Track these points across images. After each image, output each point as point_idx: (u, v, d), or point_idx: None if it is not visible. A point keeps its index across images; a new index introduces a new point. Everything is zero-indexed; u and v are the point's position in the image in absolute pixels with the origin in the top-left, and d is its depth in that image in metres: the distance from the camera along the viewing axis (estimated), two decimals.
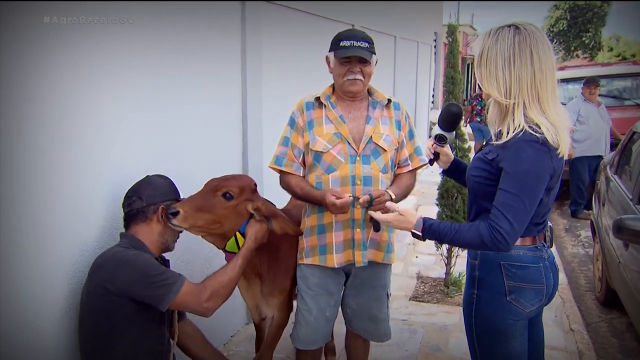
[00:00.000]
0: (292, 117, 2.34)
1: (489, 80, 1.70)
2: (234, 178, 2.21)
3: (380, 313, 2.44)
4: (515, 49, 1.65)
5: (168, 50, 2.57)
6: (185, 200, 2.09)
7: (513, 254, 1.76)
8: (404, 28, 8.47)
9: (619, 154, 4.55)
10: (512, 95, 1.67)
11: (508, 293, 1.76)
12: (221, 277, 2.01)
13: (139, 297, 1.87)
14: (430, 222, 1.79)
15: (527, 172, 1.62)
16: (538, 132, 1.63)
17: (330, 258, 2.27)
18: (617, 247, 3.46)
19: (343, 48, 2.17)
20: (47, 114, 1.91)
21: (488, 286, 1.80)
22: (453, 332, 3.49)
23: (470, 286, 1.87)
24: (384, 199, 2.10)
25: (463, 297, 1.94)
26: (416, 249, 5.16)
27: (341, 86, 2.24)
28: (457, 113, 2.04)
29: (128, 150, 2.32)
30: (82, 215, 2.08)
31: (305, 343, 2.39)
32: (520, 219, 1.64)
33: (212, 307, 1.96)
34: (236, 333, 3.39)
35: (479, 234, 1.67)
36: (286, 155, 2.32)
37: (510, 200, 1.63)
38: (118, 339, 1.89)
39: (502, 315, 1.78)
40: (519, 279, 1.76)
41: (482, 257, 1.82)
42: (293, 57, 4.08)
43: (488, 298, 1.80)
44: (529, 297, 1.78)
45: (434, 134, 2.06)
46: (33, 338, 1.92)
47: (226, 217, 2.12)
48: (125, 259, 1.89)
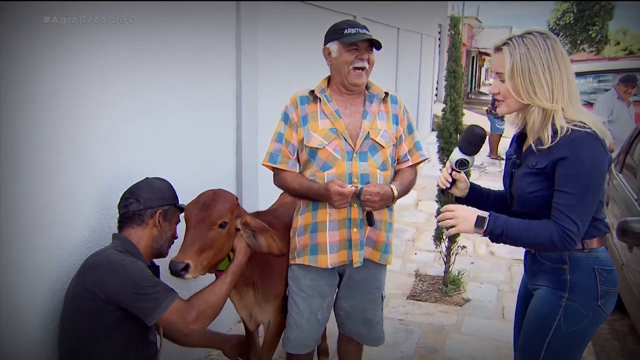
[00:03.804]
0: (285, 112, 2.24)
1: (530, 89, 1.67)
2: (218, 202, 2.01)
3: (374, 316, 2.36)
4: (551, 53, 1.66)
5: (161, 49, 2.52)
6: (186, 248, 1.91)
7: (602, 258, 1.76)
8: (407, 20, 8.36)
9: (623, 152, 4.46)
10: (556, 98, 1.67)
11: (600, 298, 1.75)
12: (209, 297, 1.91)
13: (126, 306, 1.79)
14: (497, 215, 1.75)
15: (590, 172, 1.62)
16: (586, 127, 1.63)
17: (324, 258, 2.19)
18: (620, 248, 3.38)
19: (350, 35, 2.09)
20: (47, 114, 1.90)
21: (582, 291, 1.76)
22: (450, 334, 3.42)
23: (557, 289, 1.79)
24: (373, 199, 2.06)
25: (540, 297, 1.83)
26: (415, 246, 5.08)
27: (346, 76, 2.13)
28: (481, 135, 1.88)
29: (120, 148, 2.28)
30: (71, 213, 2.03)
31: (296, 347, 2.31)
32: (585, 219, 1.66)
33: (197, 328, 1.85)
34: (229, 330, 3.32)
35: (550, 235, 1.66)
36: (280, 152, 2.22)
37: (574, 202, 1.63)
38: (102, 344, 1.83)
39: (593, 320, 1.77)
40: (609, 282, 1.76)
41: (574, 262, 1.76)
42: (292, 50, 3.99)
43: (582, 302, 1.75)
44: (612, 301, 1.78)
45: (454, 160, 1.88)
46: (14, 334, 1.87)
47: (225, 243, 2.01)
48: (120, 265, 1.81)
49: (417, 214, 6.13)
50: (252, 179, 3.39)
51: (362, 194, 2.07)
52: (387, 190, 2.11)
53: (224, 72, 3.12)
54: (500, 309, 3.80)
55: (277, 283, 2.34)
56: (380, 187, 2.11)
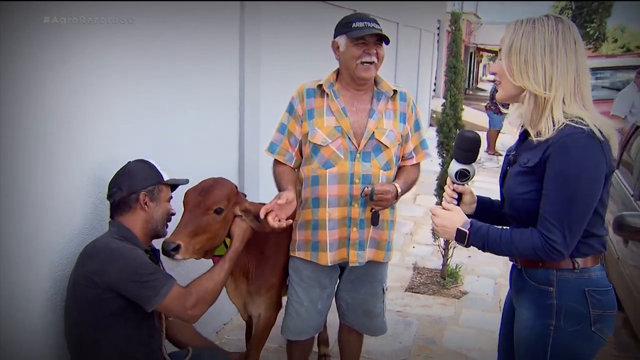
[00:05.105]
0: (291, 102, 2.24)
1: (523, 70, 1.51)
2: (216, 188, 2.05)
3: (375, 308, 2.40)
4: (559, 37, 1.49)
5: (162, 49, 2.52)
6: (179, 230, 1.96)
7: (594, 278, 1.57)
8: (406, 15, 8.38)
9: (621, 148, 4.50)
10: (554, 87, 1.49)
11: (593, 323, 1.55)
12: (207, 283, 1.94)
13: (126, 294, 1.82)
14: (479, 225, 1.60)
15: (578, 176, 1.44)
16: (582, 124, 1.45)
17: (324, 256, 2.21)
18: (616, 242, 3.43)
19: (358, 29, 2.07)
20: (48, 113, 1.90)
21: (572, 317, 1.56)
22: (448, 325, 3.47)
23: (542, 315, 1.59)
24: (386, 197, 2.07)
25: (525, 325, 1.65)
26: (413, 239, 5.13)
27: (353, 70, 2.11)
28: (473, 138, 1.70)
29: (120, 148, 2.27)
30: (68, 202, 2.04)
31: (295, 333, 2.35)
32: (574, 230, 1.48)
33: (196, 314, 1.90)
34: (229, 321, 3.36)
35: (533, 246, 1.50)
36: (280, 143, 2.24)
37: (559, 209, 1.46)
38: (107, 331, 1.86)
39: (589, 347, 1.59)
40: (603, 306, 1.57)
41: (561, 284, 1.57)
42: (293, 46, 4.01)
43: (572, 330, 1.56)
44: (610, 325, 1.59)
45: (453, 172, 1.72)
46: (17, 325, 1.89)
47: (219, 229, 2.04)
48: (119, 253, 1.83)
49: (415, 208, 6.17)
50: (253, 175, 3.42)
51: (374, 194, 2.07)
52: (393, 188, 2.13)
53: (228, 71, 3.12)
54: (497, 301, 3.85)
55: (270, 276, 2.36)
56: (388, 185, 2.13)
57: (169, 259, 1.94)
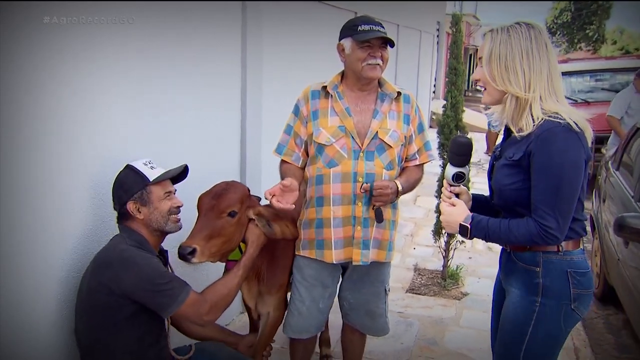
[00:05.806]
0: (297, 104, 2.28)
1: (504, 75, 1.66)
2: (230, 191, 2.07)
3: (377, 308, 2.40)
4: (533, 42, 1.65)
5: (163, 49, 2.52)
6: (194, 234, 1.97)
7: (576, 260, 1.74)
8: (406, 16, 8.39)
9: (621, 149, 4.50)
10: (532, 88, 1.65)
11: (573, 301, 1.73)
12: (222, 289, 1.97)
13: (143, 302, 1.84)
14: (479, 218, 1.75)
15: (561, 166, 1.59)
16: (560, 118, 1.61)
17: (329, 254, 2.22)
18: (616, 243, 3.43)
19: (363, 32, 2.09)
20: (48, 113, 1.90)
21: (555, 294, 1.73)
22: (449, 326, 3.47)
23: (529, 293, 1.76)
24: (385, 192, 2.09)
25: (514, 302, 1.81)
26: (414, 241, 5.13)
27: (360, 72, 2.14)
28: (466, 143, 1.86)
29: (119, 136, 2.27)
30: (68, 202, 2.04)
31: (296, 331, 2.36)
32: (565, 214, 1.63)
33: (211, 319, 1.94)
34: (231, 322, 3.36)
35: (530, 233, 1.65)
36: (287, 144, 2.28)
37: (549, 197, 1.61)
38: (121, 336, 1.87)
39: (566, 323, 1.75)
40: (583, 285, 1.73)
41: (547, 265, 1.73)
42: (295, 48, 4.00)
43: (554, 306, 1.73)
44: (586, 304, 1.76)
45: (449, 175, 1.86)
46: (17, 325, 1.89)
47: (234, 232, 2.05)
48: (134, 262, 1.84)
49: (416, 209, 6.17)
50: (255, 176, 3.42)
51: (373, 189, 2.09)
52: (393, 184, 2.15)
53: (229, 71, 3.12)
54: None
55: (281, 275, 2.38)
56: (387, 181, 2.15)
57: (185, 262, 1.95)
